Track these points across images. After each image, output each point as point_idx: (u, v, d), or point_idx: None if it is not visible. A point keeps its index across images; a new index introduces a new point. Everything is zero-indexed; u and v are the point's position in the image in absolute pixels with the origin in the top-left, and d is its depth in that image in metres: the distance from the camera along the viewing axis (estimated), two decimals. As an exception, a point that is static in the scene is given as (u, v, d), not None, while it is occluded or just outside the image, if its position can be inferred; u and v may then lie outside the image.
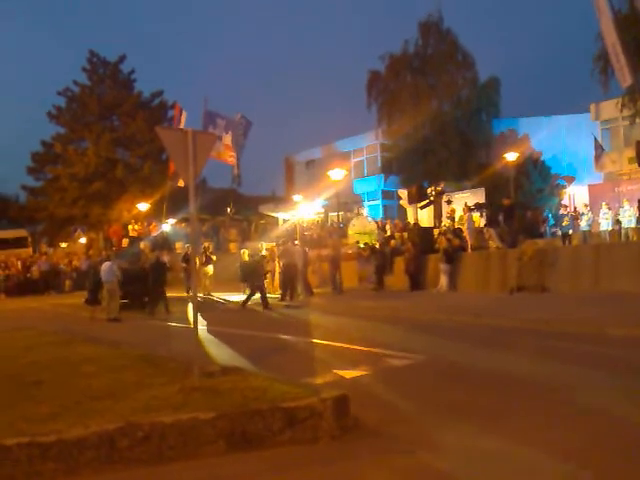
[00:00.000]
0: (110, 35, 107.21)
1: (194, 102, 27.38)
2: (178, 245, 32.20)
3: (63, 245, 42.11)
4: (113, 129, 41.92)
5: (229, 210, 35.21)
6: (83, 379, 6.13)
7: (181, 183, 21.25)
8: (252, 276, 18.71)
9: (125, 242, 35.73)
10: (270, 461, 4.20)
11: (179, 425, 4.29)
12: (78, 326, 15.07)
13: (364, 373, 7.11)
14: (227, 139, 24.05)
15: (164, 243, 33.14)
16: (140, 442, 4.19)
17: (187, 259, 21.36)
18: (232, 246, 34.92)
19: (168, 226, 34.51)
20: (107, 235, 39.50)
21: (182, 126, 24.51)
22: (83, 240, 39.80)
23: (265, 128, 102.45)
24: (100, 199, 39.48)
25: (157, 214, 35.65)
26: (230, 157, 24.50)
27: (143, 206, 35.69)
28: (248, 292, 18.50)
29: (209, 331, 12.24)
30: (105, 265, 16.87)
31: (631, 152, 21.81)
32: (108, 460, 4.13)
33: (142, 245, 33.94)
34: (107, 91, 42.47)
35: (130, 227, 37.27)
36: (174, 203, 30.08)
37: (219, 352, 9.09)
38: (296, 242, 23.54)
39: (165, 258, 27.60)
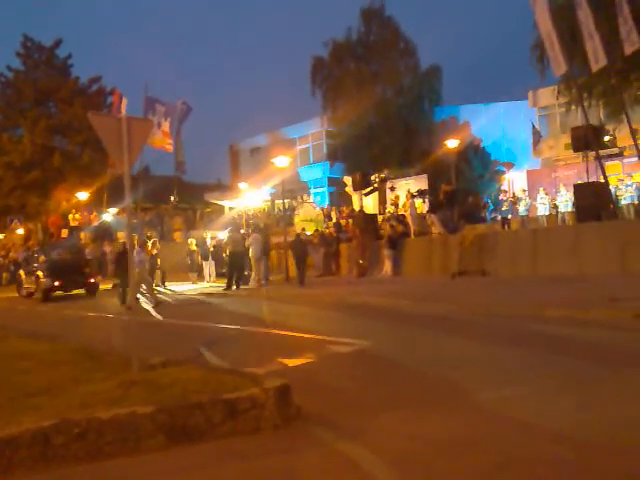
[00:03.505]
0: (45, 19, 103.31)
1: (134, 89, 26.74)
2: (120, 235, 31.55)
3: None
4: (49, 116, 40.48)
5: (173, 198, 34.69)
6: (18, 375, 5.94)
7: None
8: (300, 254, 19.02)
9: (65, 232, 34.77)
10: (211, 454, 4.16)
11: (117, 420, 4.19)
12: (15, 321, 14.61)
13: (308, 361, 7.12)
14: (165, 126, 23.56)
15: (105, 233, 32.42)
16: (76, 439, 4.08)
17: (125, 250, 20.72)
18: (177, 235, 34.46)
19: (109, 216, 33.74)
20: (45, 226, 38.29)
21: (123, 112, 23.89)
22: (20, 231, 38.50)
23: (210, 115, 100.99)
24: (37, 188, 38.14)
25: (98, 203, 34.79)
26: (168, 144, 24.00)
27: (83, 195, 34.73)
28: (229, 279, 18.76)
29: (154, 323, 12.07)
30: (136, 252, 16.37)
31: (567, 138, 22.46)
32: (43, 458, 4.00)
33: (82, 235, 33.15)
34: (43, 77, 40.95)
35: (70, 217, 36.24)
36: (115, 192, 29.35)
37: (163, 344, 8.95)
38: (242, 230, 23.43)
39: (107, 248, 27.06)
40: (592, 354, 6.65)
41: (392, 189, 26.96)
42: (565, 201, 23.08)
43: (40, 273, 20.13)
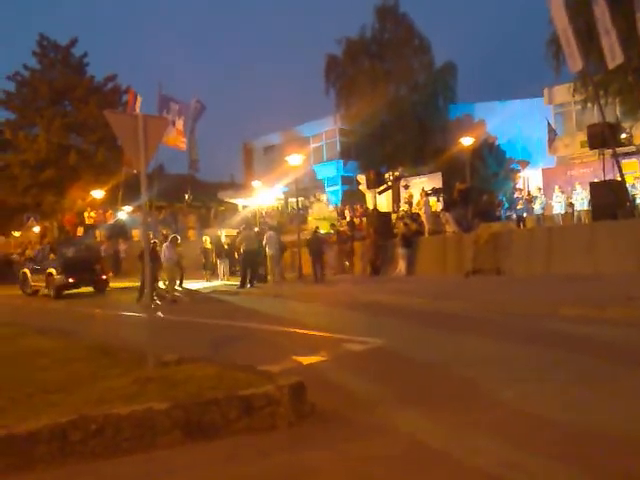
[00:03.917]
0: (61, 18, 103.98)
1: (149, 87, 26.84)
2: (135, 233, 31.76)
3: (16, 234, 41.04)
4: (65, 114, 40.82)
5: (187, 197, 34.83)
6: (35, 372, 5.98)
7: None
8: (317, 252, 19.39)
9: (80, 230, 35.07)
10: (227, 450, 4.19)
11: (134, 416, 4.23)
12: (29, 318, 14.74)
13: (322, 359, 7.13)
14: (179, 124, 23.66)
15: (121, 231, 32.66)
16: (94, 435, 4.11)
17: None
18: (191, 233, 34.58)
19: (124, 214, 33.97)
20: (61, 224, 38.64)
21: (137, 111, 24.04)
22: (37, 229, 38.88)
23: (223, 114, 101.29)
24: (53, 187, 38.50)
25: (113, 202, 35.03)
26: (182, 142, 24.11)
27: (98, 193, 35.00)
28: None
29: (169, 320, 12.13)
30: (166, 248, 16.94)
31: (583, 136, 22.28)
32: (61, 454, 4.04)
33: (98, 233, 33.41)
34: (58, 75, 41.31)
35: (86, 215, 36.56)
36: (130, 190, 29.55)
37: (178, 342, 9.00)
38: (255, 228, 23.46)
39: (122, 246, 27.27)
40: (608, 352, 6.61)
41: (406, 187, 26.90)
42: (581, 199, 22.88)
43: (53, 270, 20.36)
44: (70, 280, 20.21)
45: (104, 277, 21.41)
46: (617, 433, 4.00)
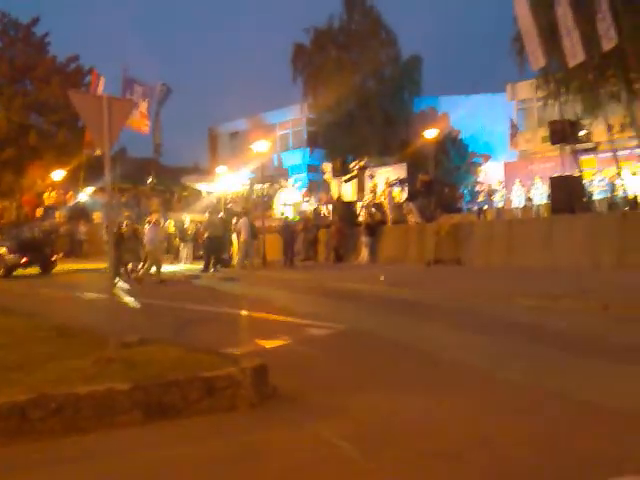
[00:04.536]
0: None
1: (111, 70, 26.42)
2: (96, 215, 31.29)
3: (-28, 214, 39.90)
4: (26, 93, 39.77)
5: (150, 180, 34.41)
6: (-6, 351, 5.92)
7: (99, 152, 20.59)
8: (289, 239, 19.87)
9: (39, 211, 34.33)
10: (187, 430, 4.23)
11: (94, 396, 4.24)
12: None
13: (285, 343, 7.22)
14: (143, 107, 23.31)
15: (81, 213, 32.12)
16: (53, 413, 4.12)
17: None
18: (154, 217, 34.12)
19: (85, 196, 33.39)
20: (20, 204, 37.75)
21: (100, 92, 23.61)
22: (-6, 209, 37.89)
23: (188, 98, 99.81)
24: (12, 166, 37.54)
25: (74, 183, 34.38)
26: (145, 126, 23.78)
27: (58, 174, 34.31)
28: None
29: (135, 303, 12.03)
30: (149, 229, 16.97)
31: (544, 132, 22.75)
32: (19, 431, 4.04)
33: (58, 214, 32.77)
34: (19, 54, 40.23)
35: (46, 195, 35.79)
36: (91, 171, 29.05)
37: (141, 324, 8.96)
38: (220, 214, 23.34)
39: (82, 228, 26.92)
40: (562, 342, 6.84)
41: (371, 177, 27.04)
42: (540, 193, 23.34)
43: (4, 250, 20.29)
44: (23, 260, 20.22)
45: (53, 259, 21.48)
46: (575, 417, 4.21)
